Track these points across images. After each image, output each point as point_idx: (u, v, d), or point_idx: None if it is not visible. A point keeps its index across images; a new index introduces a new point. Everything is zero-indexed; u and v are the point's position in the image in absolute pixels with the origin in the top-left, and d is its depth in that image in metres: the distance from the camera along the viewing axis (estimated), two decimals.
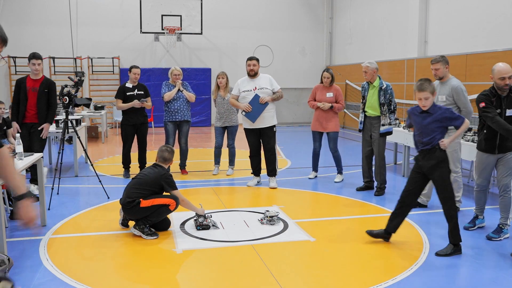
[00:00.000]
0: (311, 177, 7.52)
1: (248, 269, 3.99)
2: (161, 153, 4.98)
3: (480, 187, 4.95)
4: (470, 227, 5.04)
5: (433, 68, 5.43)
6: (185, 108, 7.55)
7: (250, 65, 6.73)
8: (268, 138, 6.79)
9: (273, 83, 6.78)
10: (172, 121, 7.55)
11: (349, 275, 3.88)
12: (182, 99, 7.51)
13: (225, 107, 7.66)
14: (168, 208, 4.75)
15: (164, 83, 7.63)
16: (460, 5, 10.27)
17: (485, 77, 9.12)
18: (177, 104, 7.48)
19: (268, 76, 6.88)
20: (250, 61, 6.75)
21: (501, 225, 4.77)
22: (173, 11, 14.40)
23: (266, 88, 6.69)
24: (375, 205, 6.02)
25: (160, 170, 4.90)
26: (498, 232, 4.74)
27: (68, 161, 8.54)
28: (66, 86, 6.27)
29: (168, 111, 7.55)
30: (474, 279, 3.84)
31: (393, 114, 6.40)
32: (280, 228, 5.02)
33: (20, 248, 4.44)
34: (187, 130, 7.70)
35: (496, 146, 4.68)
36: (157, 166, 4.94)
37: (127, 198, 4.73)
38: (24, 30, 14.44)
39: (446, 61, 5.44)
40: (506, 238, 4.73)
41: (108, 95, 14.80)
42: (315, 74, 16.85)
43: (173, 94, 7.43)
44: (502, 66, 4.56)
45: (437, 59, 5.41)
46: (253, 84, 6.73)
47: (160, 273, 3.92)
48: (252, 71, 6.72)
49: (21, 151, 4.79)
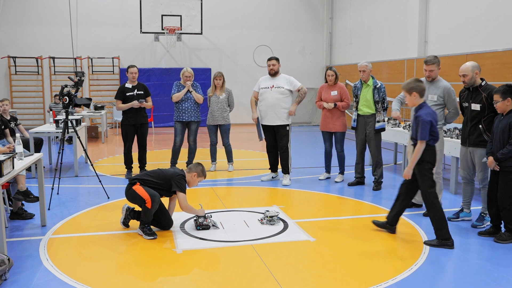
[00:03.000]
0: (321, 178, 7.44)
1: (248, 269, 3.99)
2: (196, 164, 5.01)
3: (464, 179, 5.28)
4: (453, 219, 5.31)
5: (427, 69, 5.49)
6: (193, 108, 7.63)
7: (270, 65, 7.07)
8: (281, 136, 7.05)
9: (292, 83, 7.06)
10: (180, 121, 7.67)
11: (349, 275, 3.88)
12: (190, 100, 7.62)
13: (218, 106, 7.79)
14: (145, 204, 4.65)
15: (175, 83, 7.74)
16: (460, 5, 10.27)
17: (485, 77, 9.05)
18: (185, 104, 7.60)
19: (289, 77, 7.14)
20: (270, 61, 7.09)
21: (483, 213, 5.13)
22: (173, 11, 14.40)
23: (283, 88, 6.95)
24: (374, 205, 6.02)
25: (179, 171, 4.92)
26: (481, 220, 5.11)
27: (68, 161, 8.54)
28: (66, 86, 6.27)
29: (176, 110, 7.69)
30: (474, 279, 3.84)
31: (385, 111, 6.73)
32: (280, 228, 5.02)
33: (20, 248, 4.44)
34: (196, 129, 7.78)
35: (466, 138, 5.08)
36: (181, 170, 4.98)
37: (136, 176, 4.90)
38: (24, 30, 14.44)
39: (439, 62, 5.57)
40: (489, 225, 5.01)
41: (108, 95, 14.81)
42: (315, 74, 16.87)
43: (181, 95, 7.55)
44: (463, 65, 5.04)
45: (432, 60, 5.49)
46: (272, 82, 7.06)
47: (160, 273, 3.92)
48: (272, 70, 7.07)
49: (21, 151, 4.79)
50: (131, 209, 4.98)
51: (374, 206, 5.99)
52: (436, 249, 4.45)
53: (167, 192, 4.88)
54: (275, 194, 6.64)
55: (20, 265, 4.02)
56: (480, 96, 4.94)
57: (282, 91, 6.95)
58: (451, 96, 5.43)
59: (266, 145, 7.30)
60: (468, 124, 5.04)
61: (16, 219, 5.29)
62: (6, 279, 3.71)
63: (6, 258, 3.81)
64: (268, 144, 7.26)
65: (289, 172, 7.16)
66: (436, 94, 5.46)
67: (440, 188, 5.65)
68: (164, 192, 4.86)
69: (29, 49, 14.46)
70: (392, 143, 8.88)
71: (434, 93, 5.47)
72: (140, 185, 4.73)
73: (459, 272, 3.99)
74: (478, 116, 4.93)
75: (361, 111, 6.76)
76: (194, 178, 4.93)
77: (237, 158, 8.24)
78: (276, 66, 7.05)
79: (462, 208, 5.37)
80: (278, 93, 6.93)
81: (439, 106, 5.46)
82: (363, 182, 7.09)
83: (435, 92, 5.47)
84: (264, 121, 7.10)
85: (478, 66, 5.04)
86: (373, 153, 6.84)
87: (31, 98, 14.62)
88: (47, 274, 3.86)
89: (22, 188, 5.07)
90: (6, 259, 3.81)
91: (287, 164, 7.10)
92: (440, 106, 5.46)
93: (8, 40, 14.36)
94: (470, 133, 5.02)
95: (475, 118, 4.96)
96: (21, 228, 5.07)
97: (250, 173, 7.98)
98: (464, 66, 5.01)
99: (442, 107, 5.49)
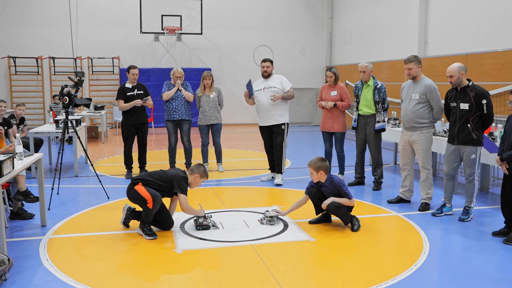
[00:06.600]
0: None
1: (248, 269, 3.99)
2: (198, 165, 5.01)
3: (447, 175, 5.48)
4: (437, 214, 5.49)
5: (406, 67, 5.70)
6: (183, 107, 7.61)
7: (264, 67, 7.06)
8: (276, 135, 7.06)
9: (283, 83, 7.04)
10: (171, 120, 7.65)
11: (349, 275, 3.87)
12: (180, 98, 7.59)
13: (210, 105, 7.78)
14: (146, 204, 4.65)
15: (165, 83, 7.73)
16: (460, 5, 10.27)
17: (485, 77, 9.13)
18: (175, 103, 7.57)
19: (281, 76, 7.15)
20: (264, 62, 7.09)
21: (467, 207, 5.34)
22: (173, 11, 14.39)
23: (274, 87, 6.96)
24: (374, 205, 6.02)
25: (181, 173, 4.93)
26: (466, 213, 5.32)
27: (68, 161, 8.54)
28: (66, 86, 6.27)
29: (167, 110, 7.67)
30: (475, 279, 3.84)
31: (385, 112, 6.76)
32: (280, 228, 5.02)
33: (20, 248, 4.44)
34: (188, 129, 7.75)
35: (454, 137, 5.23)
36: (183, 171, 4.98)
37: (138, 176, 4.91)
38: (24, 30, 14.44)
39: (419, 61, 5.72)
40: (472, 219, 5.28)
41: (108, 95, 14.81)
42: (315, 74, 16.88)
43: (172, 94, 7.53)
44: (450, 66, 5.18)
45: (410, 59, 5.67)
46: (264, 84, 7.07)
47: (160, 273, 3.92)
48: (266, 72, 7.07)
49: (21, 151, 4.79)
50: (132, 209, 4.99)
51: (374, 206, 5.99)
52: (436, 249, 4.45)
53: (168, 193, 4.88)
54: (275, 194, 6.64)
55: (20, 265, 4.01)
56: (468, 96, 5.11)
57: (274, 90, 6.94)
58: (432, 94, 5.58)
59: (264, 146, 7.33)
60: (457, 123, 5.21)
61: (16, 219, 5.29)
62: (6, 279, 3.71)
63: (6, 258, 3.81)
64: (266, 144, 7.28)
65: (282, 172, 7.12)
66: (418, 93, 5.64)
67: (431, 184, 5.81)
68: (166, 193, 4.86)
69: (29, 49, 14.45)
70: (392, 143, 8.88)
71: (416, 91, 5.67)
72: (142, 185, 4.73)
73: (459, 272, 3.98)
74: (466, 115, 5.11)
75: (361, 111, 6.79)
76: (197, 179, 4.94)
77: (236, 158, 8.24)
78: (270, 68, 7.05)
79: (444, 203, 5.54)
80: (271, 93, 6.93)
81: (423, 105, 5.63)
82: (363, 182, 7.11)
83: (417, 90, 5.66)
84: (261, 123, 7.14)
85: (464, 67, 5.20)
86: (373, 153, 6.86)
87: (31, 98, 14.61)
88: (47, 274, 3.86)
89: (22, 188, 5.07)
90: (6, 259, 3.81)
91: (280, 163, 7.07)
92: (423, 104, 5.63)
93: (8, 40, 14.36)
94: (459, 132, 5.19)
95: (463, 117, 5.13)
96: (21, 228, 5.07)
97: (249, 173, 7.98)
98: (451, 67, 5.17)
99: (425, 105, 5.64)
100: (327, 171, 5.04)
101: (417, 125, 5.67)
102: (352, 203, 5.05)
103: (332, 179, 5.03)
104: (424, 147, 5.69)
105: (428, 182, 5.76)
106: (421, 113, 5.63)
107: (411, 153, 5.87)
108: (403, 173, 6.00)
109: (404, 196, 6.05)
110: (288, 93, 6.99)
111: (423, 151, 5.69)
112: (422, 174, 5.78)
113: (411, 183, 6.00)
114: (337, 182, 5.01)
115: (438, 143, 6.60)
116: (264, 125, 7.13)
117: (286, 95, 6.98)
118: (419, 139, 5.69)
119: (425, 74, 5.88)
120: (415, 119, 5.67)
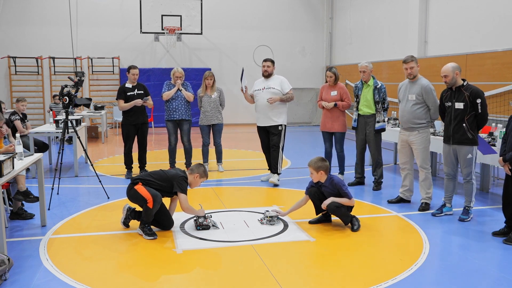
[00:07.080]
0: None
1: (248, 269, 3.99)
2: (197, 165, 5.01)
3: (447, 175, 5.49)
4: (437, 214, 5.48)
5: (407, 67, 5.71)
6: (183, 107, 7.60)
7: (264, 66, 7.02)
8: (272, 135, 7.02)
9: (283, 84, 6.99)
10: (171, 120, 7.65)
11: (349, 275, 3.87)
12: (180, 98, 7.59)
13: (211, 105, 7.78)
14: (146, 204, 4.65)
15: (166, 83, 7.73)
16: (460, 5, 10.27)
17: (485, 77, 9.13)
18: (175, 103, 7.57)
19: (281, 77, 7.09)
20: (265, 62, 7.05)
21: (467, 207, 5.35)
22: (173, 11, 14.39)
23: (274, 88, 6.92)
24: (374, 205, 6.02)
25: (181, 172, 4.93)
26: (466, 213, 5.32)
27: (68, 161, 8.54)
28: (66, 86, 6.27)
29: (167, 110, 7.67)
30: (475, 279, 3.84)
31: (385, 112, 6.79)
32: (280, 228, 5.02)
33: (20, 248, 4.44)
34: (188, 129, 7.75)
35: (450, 136, 5.25)
36: (182, 171, 4.98)
37: (138, 176, 4.91)
38: (24, 30, 14.44)
39: (417, 60, 5.77)
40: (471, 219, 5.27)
41: (108, 95, 14.81)
42: (315, 74, 16.88)
43: (172, 94, 7.53)
44: (444, 66, 5.20)
45: (410, 58, 5.71)
46: (264, 84, 7.04)
47: (160, 273, 3.92)
48: (266, 72, 7.02)
49: (21, 151, 4.79)
50: (132, 209, 4.99)
51: (374, 206, 5.99)
52: (436, 249, 4.45)
53: (168, 193, 4.88)
54: (275, 194, 6.64)
55: (20, 265, 4.01)
56: (462, 95, 5.13)
57: (273, 91, 6.91)
58: (428, 94, 5.61)
59: (262, 146, 7.30)
60: (452, 123, 5.22)
61: (16, 219, 5.29)
62: (6, 279, 3.71)
63: (6, 258, 3.81)
64: (263, 144, 7.26)
65: (278, 172, 7.06)
66: (415, 93, 5.67)
67: (430, 184, 5.82)
68: (166, 193, 4.86)
69: (29, 49, 14.45)
70: (392, 143, 8.87)
71: (413, 92, 5.70)
72: (142, 185, 4.73)
73: (459, 272, 3.98)
74: (461, 115, 5.13)
75: (361, 111, 6.81)
76: (197, 179, 4.94)
77: (236, 158, 8.24)
78: (271, 68, 7.02)
79: (444, 203, 5.55)
80: (270, 94, 6.90)
81: (420, 105, 5.67)
82: (363, 182, 7.11)
83: (413, 91, 5.70)
84: (259, 123, 7.12)
85: (459, 67, 5.23)
86: (373, 153, 6.87)
87: (31, 98, 14.58)
88: (47, 274, 3.86)
89: (22, 188, 5.07)
90: (6, 259, 3.81)
91: (276, 163, 7.01)
92: (420, 105, 5.67)
93: (8, 40, 14.35)
94: (455, 132, 5.20)
95: (458, 117, 5.15)
96: (21, 228, 5.07)
97: (249, 173, 7.99)
98: (445, 67, 5.19)
99: (422, 106, 5.67)
100: (327, 171, 5.04)
101: (415, 126, 5.70)
102: (352, 203, 5.05)
103: (332, 179, 5.04)
104: (422, 147, 5.72)
105: (427, 182, 5.78)
106: (418, 114, 5.66)
107: (410, 152, 5.89)
108: (403, 173, 6.01)
109: (404, 196, 6.06)
110: (287, 95, 6.95)
111: (421, 151, 5.72)
112: (421, 173, 5.79)
113: (411, 183, 6.01)
114: (337, 182, 5.02)
115: (438, 143, 6.60)
116: (261, 126, 7.12)
117: (284, 97, 6.94)
118: (417, 139, 5.71)
119: (425, 74, 5.92)
120: (413, 120, 5.70)
